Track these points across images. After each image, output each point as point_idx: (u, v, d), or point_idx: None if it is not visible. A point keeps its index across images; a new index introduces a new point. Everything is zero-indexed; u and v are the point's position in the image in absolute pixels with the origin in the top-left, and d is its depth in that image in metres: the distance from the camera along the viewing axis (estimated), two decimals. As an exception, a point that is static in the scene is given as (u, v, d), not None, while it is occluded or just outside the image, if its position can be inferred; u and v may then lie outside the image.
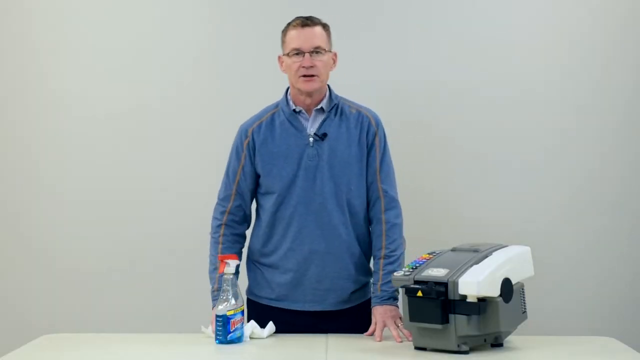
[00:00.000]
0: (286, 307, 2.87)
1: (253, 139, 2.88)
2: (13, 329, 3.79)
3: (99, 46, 3.85)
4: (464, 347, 2.43)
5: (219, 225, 2.92)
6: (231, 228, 2.92)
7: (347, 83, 3.13)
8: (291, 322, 2.82)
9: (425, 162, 3.79)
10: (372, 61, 3.79)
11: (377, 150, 2.89)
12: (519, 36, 3.80)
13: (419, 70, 3.81)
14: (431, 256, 2.57)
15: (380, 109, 3.02)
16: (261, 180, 2.88)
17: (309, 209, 2.82)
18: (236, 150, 2.91)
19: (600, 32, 3.79)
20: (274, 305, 2.88)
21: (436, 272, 2.44)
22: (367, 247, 2.94)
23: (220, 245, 2.90)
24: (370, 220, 2.91)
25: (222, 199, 2.94)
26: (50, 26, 3.86)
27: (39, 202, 3.87)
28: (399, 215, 2.90)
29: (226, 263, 2.66)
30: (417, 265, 2.52)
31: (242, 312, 2.65)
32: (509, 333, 2.55)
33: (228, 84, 3.82)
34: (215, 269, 2.87)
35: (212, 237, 2.94)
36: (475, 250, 2.54)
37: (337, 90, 2.96)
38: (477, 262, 2.46)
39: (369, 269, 2.96)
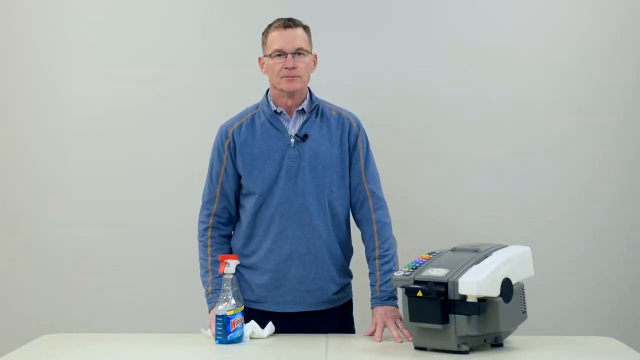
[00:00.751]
0: (266, 309, 2.86)
1: (234, 139, 2.87)
2: (13, 329, 3.79)
3: (98, 46, 3.85)
4: (464, 347, 2.43)
5: (206, 229, 2.92)
6: (218, 230, 2.92)
7: (346, 84, 3.13)
8: (274, 323, 2.79)
9: (425, 162, 3.78)
10: (372, 62, 3.79)
11: (360, 152, 2.88)
12: (519, 36, 3.80)
13: (419, 71, 3.81)
14: (431, 256, 2.57)
15: (380, 108, 3.03)
16: (242, 180, 2.87)
17: (290, 209, 2.81)
18: (217, 152, 2.91)
19: (600, 32, 3.79)
20: (254, 308, 2.87)
21: (436, 272, 2.44)
22: (347, 249, 2.94)
23: (209, 248, 2.89)
24: (359, 221, 2.91)
25: (207, 202, 2.93)
26: (51, 26, 3.86)
27: (39, 202, 3.87)
28: (387, 214, 2.90)
29: (226, 263, 2.65)
30: (417, 265, 2.52)
31: (242, 312, 2.65)
32: (509, 333, 2.55)
33: (228, 84, 3.82)
34: (207, 272, 2.88)
35: (199, 241, 2.93)
36: (475, 250, 2.54)
37: (336, 90, 2.96)
38: (477, 262, 2.46)
39: (349, 270, 2.97)
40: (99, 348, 2.63)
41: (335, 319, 2.90)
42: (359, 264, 2.96)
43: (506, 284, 2.43)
